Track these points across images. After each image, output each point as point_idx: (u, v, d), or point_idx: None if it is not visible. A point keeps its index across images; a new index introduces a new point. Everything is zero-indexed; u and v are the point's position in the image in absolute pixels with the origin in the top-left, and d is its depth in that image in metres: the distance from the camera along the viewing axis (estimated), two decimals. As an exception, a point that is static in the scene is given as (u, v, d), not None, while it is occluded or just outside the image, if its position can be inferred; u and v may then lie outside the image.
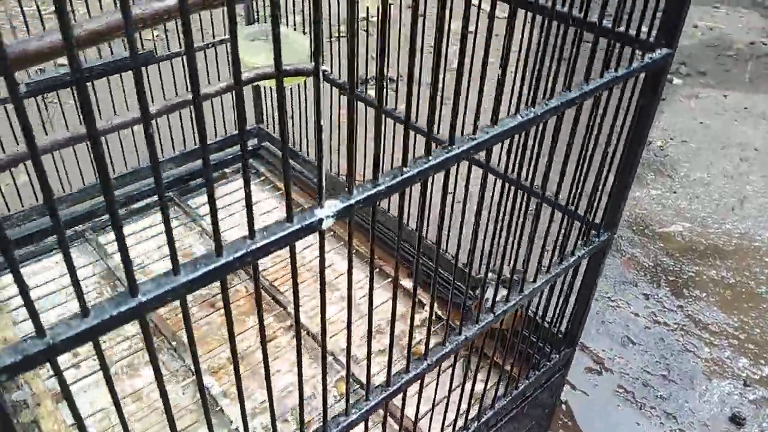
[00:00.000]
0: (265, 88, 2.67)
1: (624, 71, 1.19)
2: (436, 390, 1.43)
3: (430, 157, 0.88)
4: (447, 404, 1.41)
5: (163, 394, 0.76)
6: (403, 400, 1.31)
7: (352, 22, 0.72)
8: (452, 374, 1.39)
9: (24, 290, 0.56)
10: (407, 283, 2.24)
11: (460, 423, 1.54)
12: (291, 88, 2.50)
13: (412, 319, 1.11)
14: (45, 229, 2.24)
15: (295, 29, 2.43)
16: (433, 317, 1.98)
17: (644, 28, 1.27)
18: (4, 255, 0.54)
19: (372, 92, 1.76)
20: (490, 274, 1.75)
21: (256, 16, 2.51)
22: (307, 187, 2.67)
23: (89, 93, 0.61)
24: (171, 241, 0.65)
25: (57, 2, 0.47)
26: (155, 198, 2.46)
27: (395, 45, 1.93)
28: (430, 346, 1.21)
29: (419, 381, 1.22)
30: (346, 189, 0.81)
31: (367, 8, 2.13)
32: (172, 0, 0.80)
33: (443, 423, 1.43)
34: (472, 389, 1.45)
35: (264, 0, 2.47)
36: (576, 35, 1.18)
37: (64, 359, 1.93)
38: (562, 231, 1.52)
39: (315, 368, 1.96)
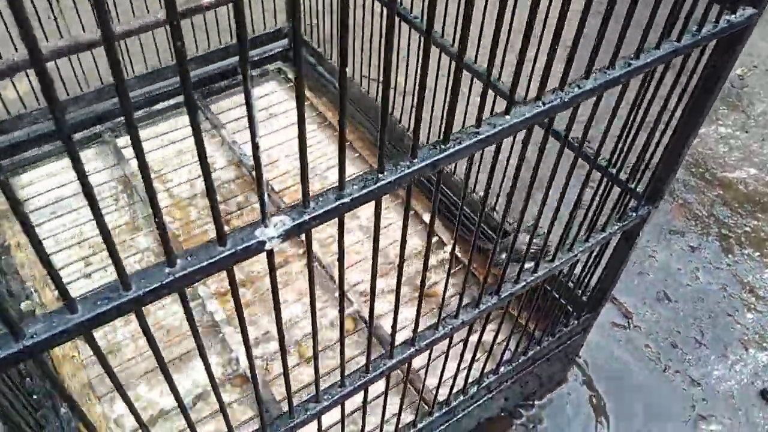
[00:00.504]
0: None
1: (696, 35, 0.95)
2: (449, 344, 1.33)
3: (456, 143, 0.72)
4: (461, 355, 1.32)
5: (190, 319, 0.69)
6: (429, 358, 1.23)
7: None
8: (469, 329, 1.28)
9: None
10: (428, 216, 2.10)
11: (467, 376, 1.46)
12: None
13: (448, 275, 0.99)
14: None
15: None
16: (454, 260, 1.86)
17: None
18: None
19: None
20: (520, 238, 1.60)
21: None
22: (335, 97, 2.49)
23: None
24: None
25: None
26: (176, 100, 2.34)
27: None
28: (463, 303, 1.10)
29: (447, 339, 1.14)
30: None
31: None
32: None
33: (441, 374, 1.35)
34: (479, 340, 1.34)
35: None
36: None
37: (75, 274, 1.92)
38: (598, 197, 1.33)
39: (324, 301, 1.89)
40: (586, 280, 1.59)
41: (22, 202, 0.53)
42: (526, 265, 1.20)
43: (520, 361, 1.55)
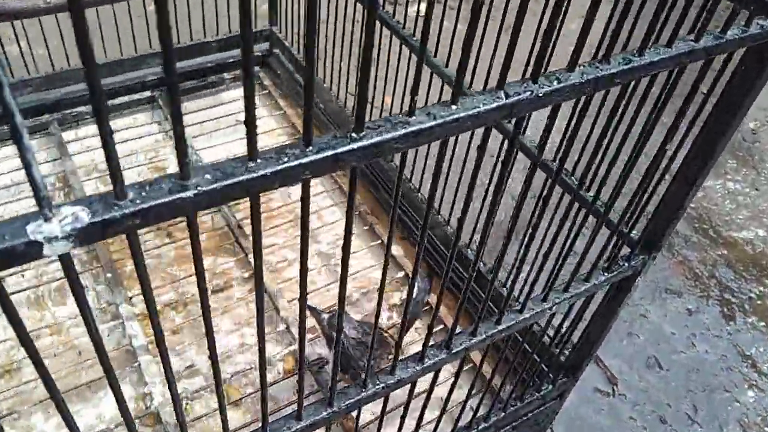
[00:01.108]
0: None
1: (721, 37, 0.73)
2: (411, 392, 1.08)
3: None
4: (421, 409, 1.07)
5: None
6: (383, 405, 0.98)
7: None
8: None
9: None
10: (396, 249, 1.87)
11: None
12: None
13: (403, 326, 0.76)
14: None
15: None
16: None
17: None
18: None
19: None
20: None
21: None
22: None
23: None
24: None
25: None
26: (133, 96, 2.13)
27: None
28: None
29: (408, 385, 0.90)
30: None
31: None
32: None
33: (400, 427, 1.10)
34: (428, 397, 1.09)
35: None
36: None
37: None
38: (583, 237, 1.10)
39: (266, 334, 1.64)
40: (566, 336, 1.35)
41: None
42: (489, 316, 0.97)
43: (479, 428, 1.30)
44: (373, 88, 1.81)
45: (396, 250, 1.87)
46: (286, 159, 0.50)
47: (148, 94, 2.18)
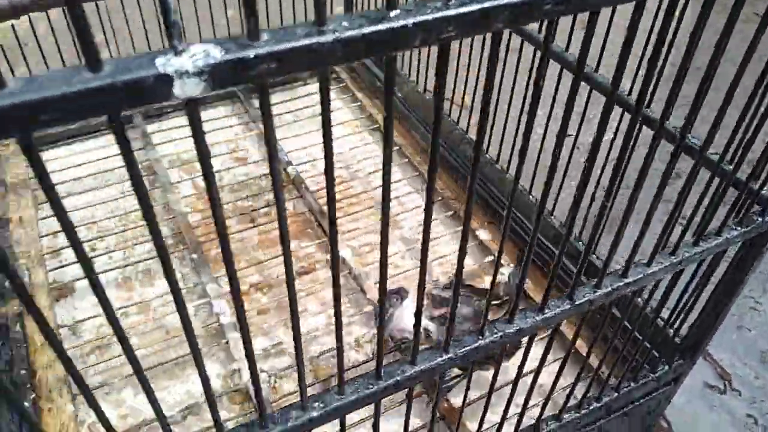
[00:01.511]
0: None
1: None
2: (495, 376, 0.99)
3: None
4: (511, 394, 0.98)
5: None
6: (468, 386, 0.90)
7: None
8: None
9: None
10: (483, 233, 1.79)
11: (518, 423, 1.11)
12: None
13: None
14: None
15: None
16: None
17: None
18: None
19: None
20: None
21: None
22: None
23: None
24: None
25: None
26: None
27: None
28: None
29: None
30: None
31: None
32: None
33: (483, 415, 1.01)
34: (535, 379, 1.00)
35: None
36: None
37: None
38: (707, 199, 0.99)
39: (350, 316, 1.59)
40: (684, 310, 1.22)
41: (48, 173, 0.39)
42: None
43: (589, 408, 1.19)
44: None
45: (483, 234, 1.78)
46: (429, 10, 0.44)
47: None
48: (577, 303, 0.83)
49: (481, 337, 0.78)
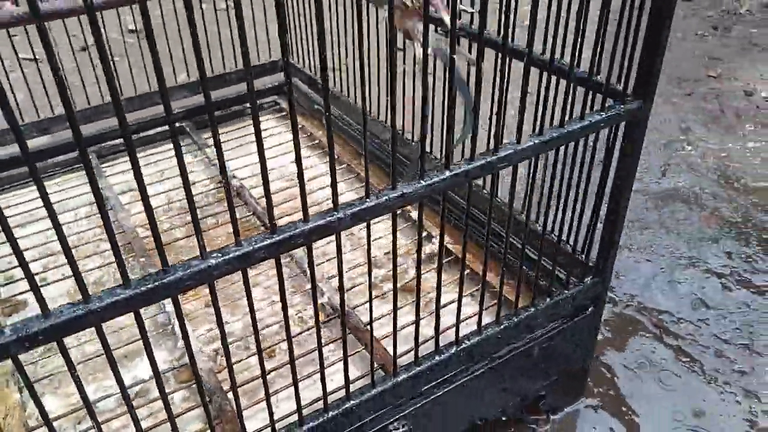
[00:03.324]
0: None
1: None
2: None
3: None
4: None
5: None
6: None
7: None
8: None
9: None
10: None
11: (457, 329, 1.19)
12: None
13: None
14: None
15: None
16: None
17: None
18: None
19: None
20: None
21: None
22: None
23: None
24: None
25: None
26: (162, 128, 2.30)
27: None
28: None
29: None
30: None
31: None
32: None
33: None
34: (459, 314, 1.08)
35: None
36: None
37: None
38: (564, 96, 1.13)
39: (292, 292, 1.67)
40: (585, 240, 1.35)
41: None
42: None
43: (524, 316, 1.28)
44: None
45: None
46: None
47: (178, 125, 2.35)
48: (453, 173, 0.96)
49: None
